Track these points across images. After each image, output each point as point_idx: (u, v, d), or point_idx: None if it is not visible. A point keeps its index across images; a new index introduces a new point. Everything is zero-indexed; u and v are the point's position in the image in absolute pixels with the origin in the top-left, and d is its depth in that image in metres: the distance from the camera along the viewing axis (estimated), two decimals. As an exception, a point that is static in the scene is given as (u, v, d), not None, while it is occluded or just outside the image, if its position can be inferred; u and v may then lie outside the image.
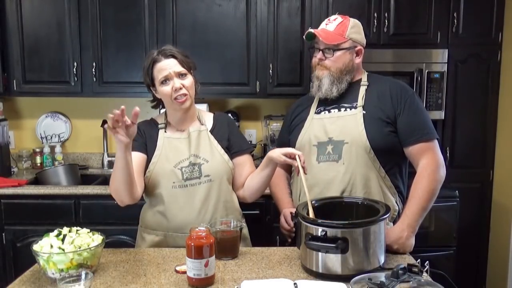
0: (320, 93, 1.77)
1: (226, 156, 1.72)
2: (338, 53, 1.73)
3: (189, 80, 1.66)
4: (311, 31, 1.73)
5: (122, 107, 1.38)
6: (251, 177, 1.74)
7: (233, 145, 1.76)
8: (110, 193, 1.62)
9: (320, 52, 1.75)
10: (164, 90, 1.64)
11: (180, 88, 1.63)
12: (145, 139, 1.72)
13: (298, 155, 1.53)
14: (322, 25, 1.78)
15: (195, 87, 1.70)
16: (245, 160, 1.77)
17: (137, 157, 1.67)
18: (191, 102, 1.70)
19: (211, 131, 1.75)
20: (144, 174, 1.69)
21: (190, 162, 1.67)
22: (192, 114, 1.74)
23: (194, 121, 1.75)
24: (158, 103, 1.77)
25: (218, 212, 1.69)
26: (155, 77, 1.65)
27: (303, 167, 1.52)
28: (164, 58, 1.64)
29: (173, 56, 1.65)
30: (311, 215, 1.45)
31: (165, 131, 1.73)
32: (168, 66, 1.63)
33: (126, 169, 1.50)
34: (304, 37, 1.78)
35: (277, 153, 1.58)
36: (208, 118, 1.80)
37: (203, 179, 1.67)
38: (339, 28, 1.74)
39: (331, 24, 1.76)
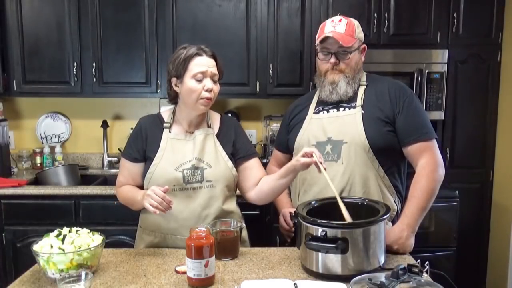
0: (335, 96, 1.74)
1: (230, 163, 1.70)
2: (352, 54, 1.72)
3: (218, 87, 1.67)
4: (330, 35, 1.68)
5: (166, 187, 1.51)
6: (266, 182, 1.70)
7: (240, 150, 1.74)
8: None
9: (333, 56, 1.72)
10: (194, 86, 1.61)
11: (211, 90, 1.62)
12: (144, 143, 1.71)
13: (314, 152, 1.51)
14: (329, 27, 1.72)
15: None
16: (253, 164, 1.75)
17: (138, 167, 1.72)
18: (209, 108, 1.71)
19: (217, 135, 1.73)
20: (145, 175, 1.69)
21: (192, 165, 1.65)
22: (203, 116, 1.73)
23: (203, 124, 1.74)
24: (173, 98, 1.73)
25: (218, 217, 1.66)
26: (189, 69, 1.61)
27: (321, 162, 1.50)
28: (206, 55, 1.63)
29: (214, 58, 1.65)
30: (343, 209, 1.45)
31: (169, 131, 1.72)
32: (208, 64, 1.62)
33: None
34: (318, 41, 1.74)
35: (296, 158, 1.56)
36: (215, 121, 1.77)
37: (204, 183, 1.65)
38: (348, 29, 1.71)
39: (339, 26, 1.71)
